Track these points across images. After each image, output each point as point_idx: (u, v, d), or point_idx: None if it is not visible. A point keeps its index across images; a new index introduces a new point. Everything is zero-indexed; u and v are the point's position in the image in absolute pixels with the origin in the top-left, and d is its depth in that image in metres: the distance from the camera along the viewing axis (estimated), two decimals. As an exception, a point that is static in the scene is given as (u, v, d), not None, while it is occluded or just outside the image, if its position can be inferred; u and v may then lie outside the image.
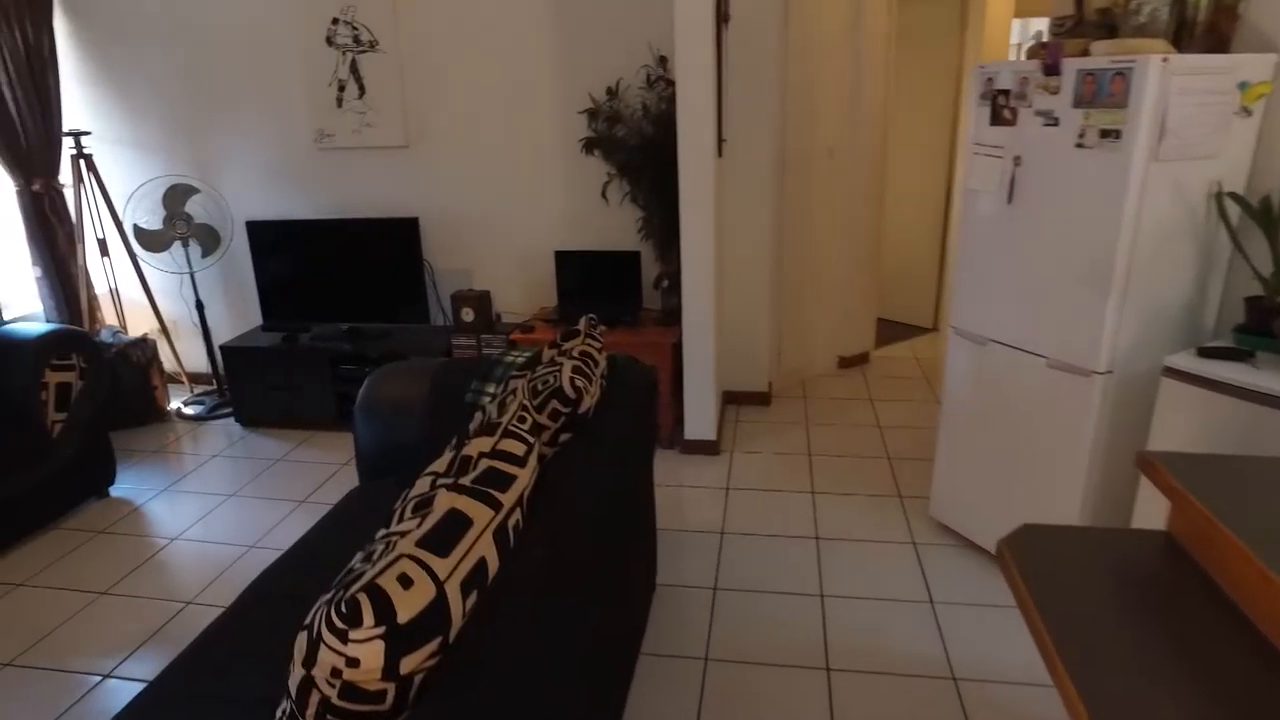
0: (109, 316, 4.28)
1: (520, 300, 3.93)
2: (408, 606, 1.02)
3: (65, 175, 3.94)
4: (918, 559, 2.67)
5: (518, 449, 1.38)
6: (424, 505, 1.24)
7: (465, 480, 1.27)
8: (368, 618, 0.99)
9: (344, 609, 1.00)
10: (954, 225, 4.76)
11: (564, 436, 1.64)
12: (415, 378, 2.39)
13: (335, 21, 3.67)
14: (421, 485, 1.33)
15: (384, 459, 2.35)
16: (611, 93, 3.53)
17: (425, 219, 3.89)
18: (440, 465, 1.39)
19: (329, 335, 3.83)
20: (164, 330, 4.23)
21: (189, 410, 4.10)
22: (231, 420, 3.99)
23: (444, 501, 1.21)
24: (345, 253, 3.76)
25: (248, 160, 4.01)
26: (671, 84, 3.41)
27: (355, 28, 3.66)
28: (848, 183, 4.06)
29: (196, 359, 4.43)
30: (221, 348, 3.84)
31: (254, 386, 3.84)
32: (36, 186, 3.82)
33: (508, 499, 1.27)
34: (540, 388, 1.64)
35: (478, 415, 1.98)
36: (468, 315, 3.62)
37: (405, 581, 1.04)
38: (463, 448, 1.39)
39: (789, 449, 3.49)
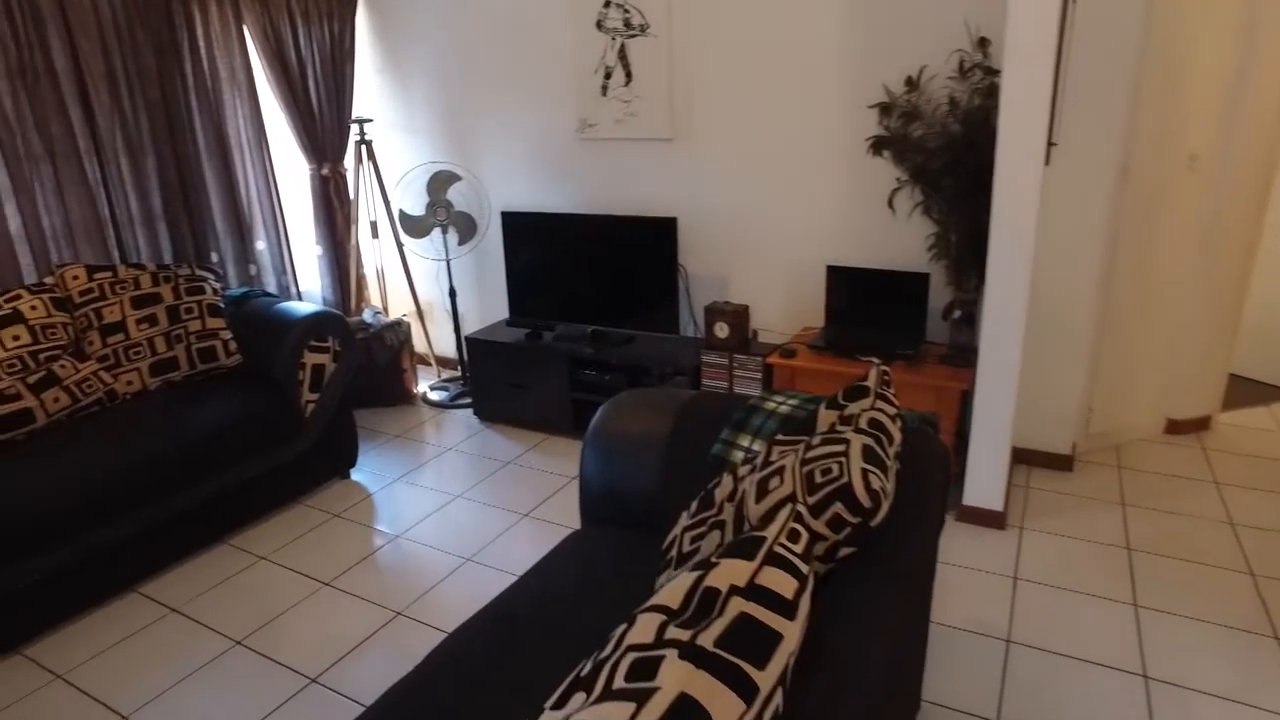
0: (373, 297, 4.44)
1: (781, 317, 3.48)
2: None
3: (349, 160, 4.10)
4: (1313, 745, 1.88)
5: (786, 588, 0.94)
6: (644, 670, 0.84)
7: (706, 638, 0.86)
8: None
9: None
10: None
11: (845, 550, 1.18)
12: (656, 411, 2.04)
13: (607, 4, 3.43)
14: (645, 627, 0.93)
15: (610, 502, 2.03)
16: (911, 83, 2.96)
17: (684, 219, 3.57)
18: (674, 595, 0.98)
19: (572, 336, 3.64)
20: (420, 314, 4.30)
21: (434, 396, 4.13)
22: (471, 412, 3.95)
23: (672, 678, 0.81)
24: (596, 250, 3.53)
25: (509, 148, 3.93)
26: (992, 73, 2.77)
27: (627, 10, 3.40)
28: (1212, 199, 3.14)
29: (446, 345, 4.48)
30: (466, 339, 3.79)
31: (494, 381, 3.75)
32: (325, 170, 4.00)
33: (766, 678, 0.84)
34: (819, 478, 1.19)
35: (725, 479, 1.57)
36: (721, 331, 3.24)
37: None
38: (709, 570, 0.98)
39: (1098, 535, 2.73)
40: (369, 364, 3.94)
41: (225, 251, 3.66)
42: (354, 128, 4.00)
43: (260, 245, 3.80)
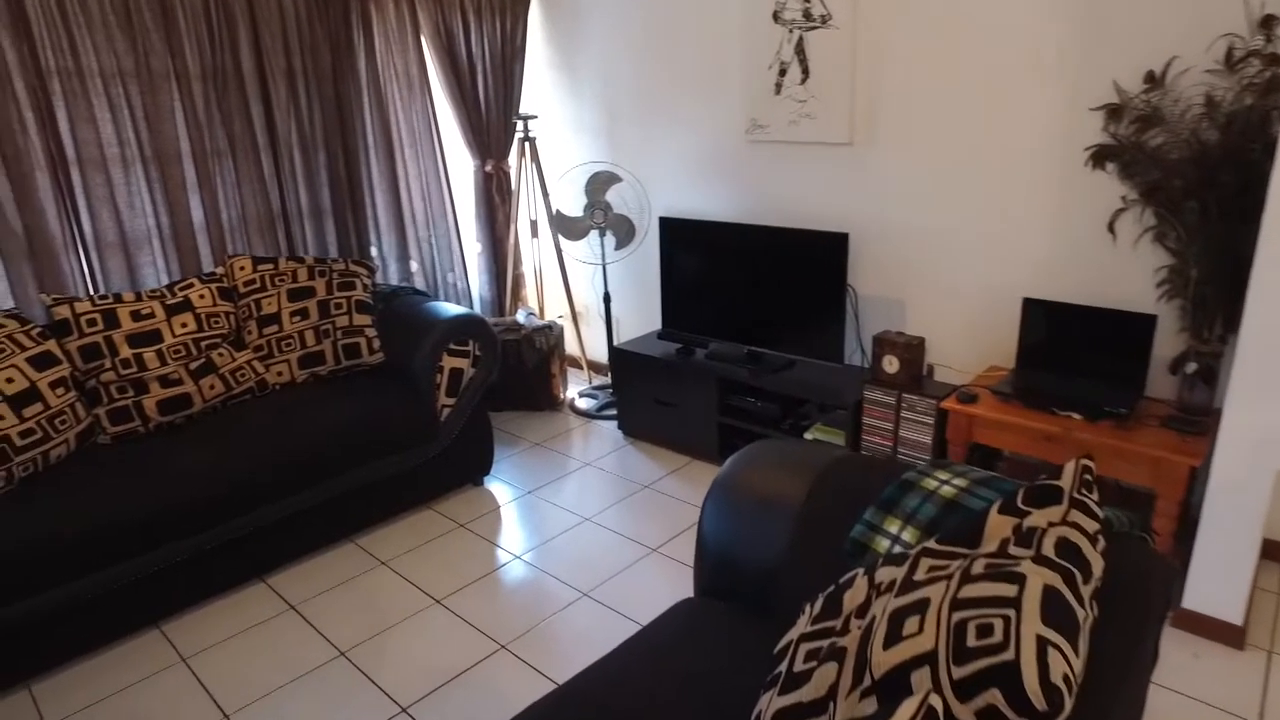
0: (530, 297, 4.38)
1: (963, 353, 3.00)
2: None
3: (512, 157, 4.04)
4: None
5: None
6: None
7: None
8: None
9: None
10: None
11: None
12: (793, 470, 1.72)
13: (788, -7, 3.10)
14: None
15: (726, 570, 1.73)
16: (1153, 79, 2.40)
17: (857, 235, 3.17)
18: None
19: (726, 356, 3.35)
20: (574, 317, 4.19)
21: (581, 403, 3.99)
22: (615, 425, 3.77)
23: None
24: (758, 264, 3.22)
25: (674, 149, 3.70)
26: (1276, 62, 2.18)
27: (808, 0, 3.05)
28: None
29: (597, 351, 4.34)
30: (615, 349, 3.61)
31: (641, 396, 3.54)
32: (488, 167, 3.97)
33: None
34: (973, 639, 0.84)
35: (860, 581, 1.24)
36: (890, 365, 2.83)
37: None
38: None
39: (1380, 675, 2.09)
40: (518, 366, 3.87)
41: (387, 247, 3.70)
42: (519, 124, 3.93)
43: (421, 241, 3.82)
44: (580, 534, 2.89)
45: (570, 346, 4.38)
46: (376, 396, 2.93)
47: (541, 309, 4.33)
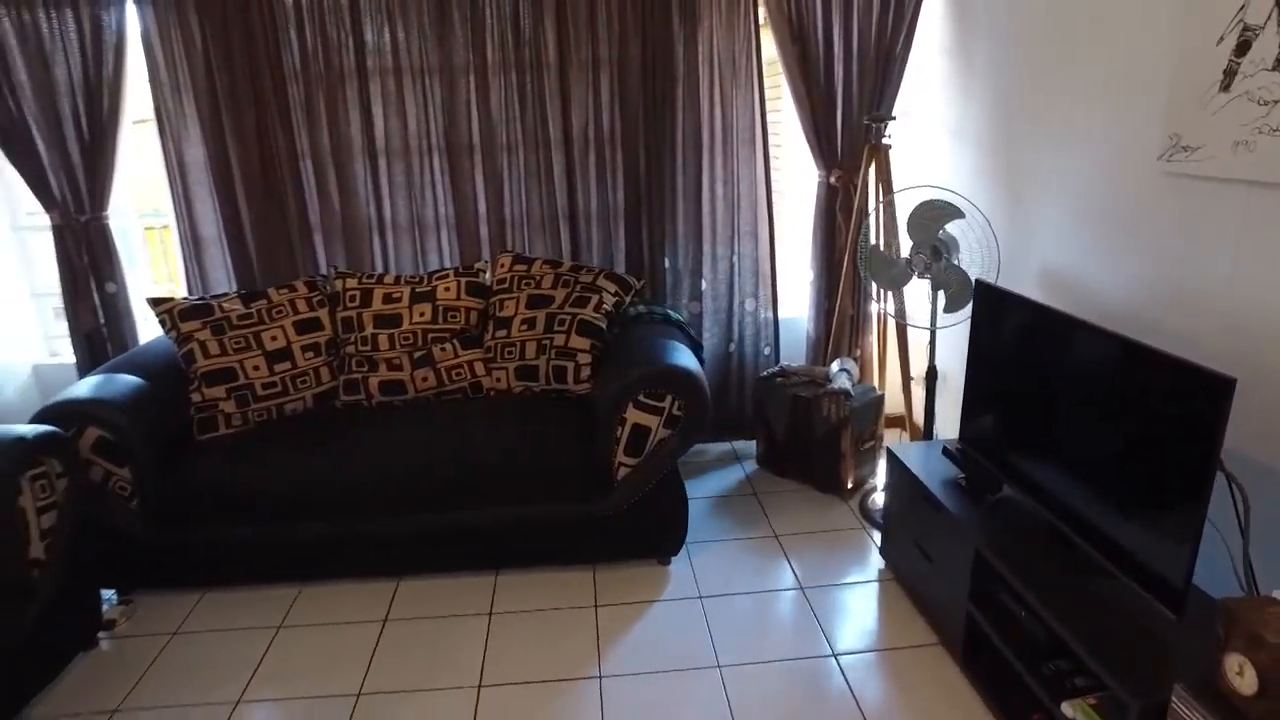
0: (874, 347, 3.41)
1: None
2: None
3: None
4: None
5: None
6: None
7: None
8: None
9: None
10: None
11: None
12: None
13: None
14: None
15: None
16: None
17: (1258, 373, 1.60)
18: None
19: (1020, 511, 2.08)
20: (906, 386, 3.14)
21: (876, 501, 3.00)
22: (879, 551, 2.73)
23: None
24: (1091, 389, 1.87)
25: (1053, 179, 2.40)
26: None
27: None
28: None
29: (945, 429, 3.19)
30: (888, 451, 2.56)
31: (904, 527, 2.47)
32: (834, 179, 3.16)
33: None
34: None
35: None
36: (1239, 674, 1.36)
37: None
38: None
39: None
40: (806, 429, 3.08)
41: (680, 259, 3.25)
42: (871, 128, 2.99)
43: (719, 259, 3.26)
44: (703, 680, 2.14)
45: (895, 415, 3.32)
46: (554, 429, 2.61)
47: (875, 367, 3.36)
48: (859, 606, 2.45)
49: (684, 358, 2.59)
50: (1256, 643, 1.30)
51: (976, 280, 2.26)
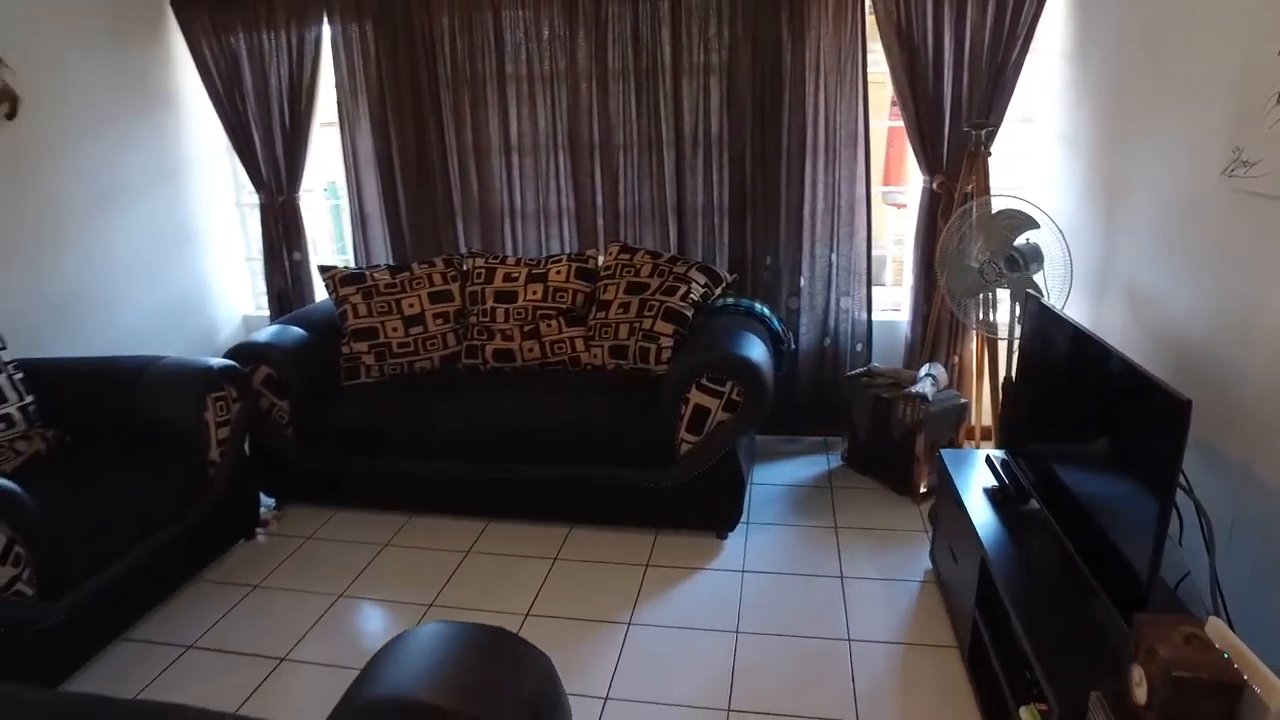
0: (971, 352, 3.36)
1: None
2: None
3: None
4: None
5: None
6: None
7: None
8: None
9: None
10: None
11: None
12: None
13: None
14: None
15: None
16: None
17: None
18: None
19: (1037, 523, 2.08)
20: (997, 393, 3.09)
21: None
22: (929, 555, 2.75)
23: None
24: (1100, 409, 1.85)
25: (1134, 190, 2.31)
26: None
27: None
28: None
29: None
30: (940, 454, 2.59)
31: (947, 534, 2.50)
32: (936, 184, 3.16)
33: None
34: None
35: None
36: (1139, 688, 1.38)
37: None
38: None
39: None
40: (884, 430, 3.14)
41: (782, 259, 3.39)
42: (971, 134, 2.96)
43: (818, 258, 3.36)
44: (717, 642, 2.35)
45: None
46: (632, 402, 2.90)
47: (970, 373, 3.30)
48: (891, 601, 2.52)
49: (750, 348, 2.77)
50: (1151, 656, 1.33)
51: (1027, 293, 2.26)
